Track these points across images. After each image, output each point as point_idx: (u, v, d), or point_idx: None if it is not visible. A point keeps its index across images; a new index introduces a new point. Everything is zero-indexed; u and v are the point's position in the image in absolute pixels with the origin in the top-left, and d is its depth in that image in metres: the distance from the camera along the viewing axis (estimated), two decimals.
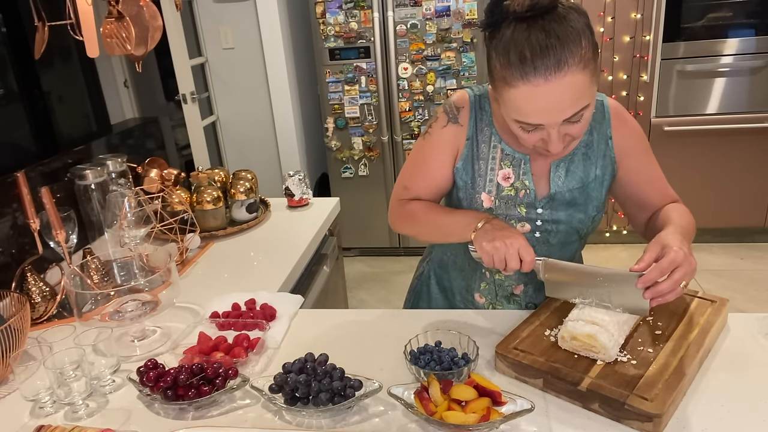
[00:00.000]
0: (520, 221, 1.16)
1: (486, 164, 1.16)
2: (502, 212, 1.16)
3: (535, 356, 1.00)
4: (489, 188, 1.16)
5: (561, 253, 1.21)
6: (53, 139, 1.95)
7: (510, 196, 1.15)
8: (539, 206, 1.15)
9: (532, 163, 1.15)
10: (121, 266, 1.45)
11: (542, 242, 1.18)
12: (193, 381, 1.00)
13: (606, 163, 1.15)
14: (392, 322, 1.26)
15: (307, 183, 2.02)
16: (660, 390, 0.89)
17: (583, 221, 1.17)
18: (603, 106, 1.16)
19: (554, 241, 1.18)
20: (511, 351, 1.02)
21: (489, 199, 1.16)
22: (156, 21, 1.50)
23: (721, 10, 3.11)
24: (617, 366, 0.96)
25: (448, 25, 3.15)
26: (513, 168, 1.15)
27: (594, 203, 1.16)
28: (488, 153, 1.16)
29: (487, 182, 1.16)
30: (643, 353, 0.99)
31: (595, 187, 1.15)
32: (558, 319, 1.10)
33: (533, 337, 1.05)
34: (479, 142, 1.16)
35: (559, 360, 0.98)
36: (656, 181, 1.20)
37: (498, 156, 1.15)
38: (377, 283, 3.46)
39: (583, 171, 1.14)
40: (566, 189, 1.14)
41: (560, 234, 1.17)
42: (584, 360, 0.98)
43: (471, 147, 1.16)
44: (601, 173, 1.15)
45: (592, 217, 1.17)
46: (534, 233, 1.17)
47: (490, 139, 1.15)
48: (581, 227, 1.18)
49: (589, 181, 1.15)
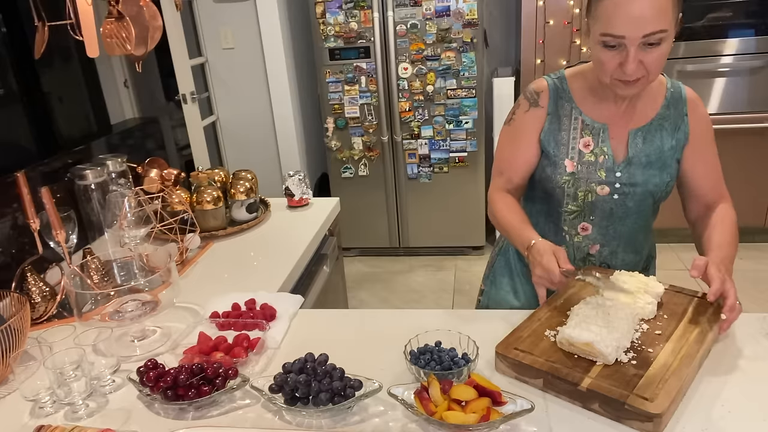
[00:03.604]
0: (600, 184, 1.27)
1: (568, 134, 1.29)
2: (583, 176, 1.27)
3: (535, 356, 1.00)
4: (572, 155, 1.28)
5: (637, 217, 1.31)
6: (53, 139, 1.95)
7: (590, 161, 1.27)
8: (618, 170, 1.26)
9: (612, 131, 1.27)
10: (121, 266, 1.45)
11: (620, 204, 1.28)
12: (193, 381, 1.00)
13: (680, 137, 1.27)
14: (392, 322, 1.26)
15: (307, 183, 2.02)
16: (660, 390, 0.89)
17: (658, 185, 1.26)
18: (681, 89, 1.29)
19: (630, 204, 1.28)
20: (511, 351, 1.02)
21: (572, 164, 1.28)
22: (156, 21, 1.50)
23: (721, 10, 3.11)
24: (617, 366, 0.96)
25: (448, 25, 3.15)
26: (593, 136, 1.27)
27: (668, 170, 1.27)
28: (570, 124, 1.29)
29: (569, 150, 1.28)
30: (644, 353, 0.99)
31: (670, 155, 1.26)
32: (559, 319, 1.11)
33: (533, 337, 1.06)
34: (561, 117, 1.29)
35: (559, 360, 0.98)
36: (712, 173, 1.30)
37: (579, 126, 1.28)
38: (377, 283, 3.46)
39: (660, 140, 1.26)
40: (643, 154, 1.25)
41: (636, 196, 1.27)
42: (584, 360, 0.98)
43: (552, 121, 1.30)
44: (676, 144, 1.26)
45: (666, 182, 1.27)
46: (612, 195, 1.27)
47: (571, 113, 1.29)
48: (656, 191, 1.27)
49: (665, 150, 1.26)
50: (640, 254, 1.39)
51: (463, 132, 3.35)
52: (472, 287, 3.29)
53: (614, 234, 1.32)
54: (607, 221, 1.31)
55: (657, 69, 1.12)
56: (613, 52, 1.11)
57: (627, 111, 1.26)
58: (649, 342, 1.02)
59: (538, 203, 1.38)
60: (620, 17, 1.07)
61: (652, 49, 1.09)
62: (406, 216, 3.61)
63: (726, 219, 1.26)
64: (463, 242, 3.64)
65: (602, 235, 1.32)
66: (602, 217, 1.30)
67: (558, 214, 1.33)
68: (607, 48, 1.11)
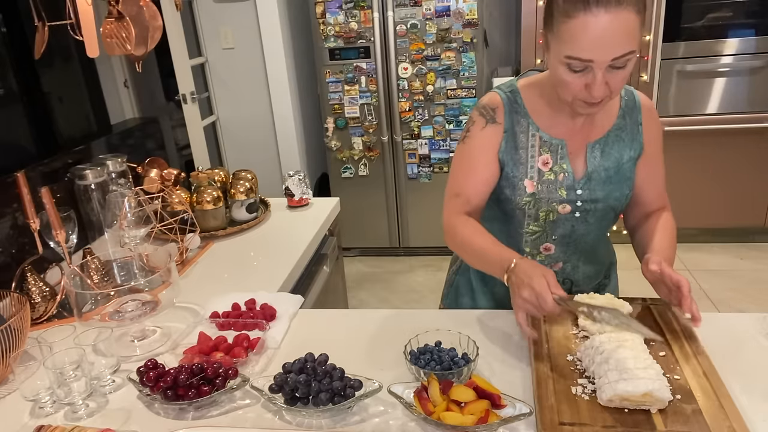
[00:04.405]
0: (561, 203, 1.22)
1: (526, 152, 1.23)
2: (544, 196, 1.22)
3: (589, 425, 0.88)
4: (531, 174, 1.23)
5: (598, 231, 1.28)
6: (53, 139, 1.95)
7: (550, 180, 1.22)
8: (578, 187, 1.22)
9: (570, 147, 1.22)
10: (121, 266, 1.45)
11: (581, 221, 1.25)
12: (193, 381, 1.00)
13: (636, 146, 1.24)
14: (392, 322, 1.26)
15: (307, 183, 2.02)
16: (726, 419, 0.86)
17: (619, 199, 1.24)
18: (633, 95, 1.26)
19: (592, 220, 1.25)
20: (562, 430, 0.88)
21: (531, 184, 1.22)
22: (156, 21, 1.50)
23: (721, 10, 3.11)
24: (672, 407, 0.90)
25: (448, 25, 3.15)
26: (551, 153, 1.22)
27: (628, 182, 1.24)
28: (527, 142, 1.23)
29: (528, 169, 1.23)
30: (677, 383, 0.94)
31: (629, 167, 1.24)
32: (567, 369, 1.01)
33: (566, 403, 0.93)
34: (517, 133, 1.23)
35: (615, 422, 0.88)
36: (657, 181, 1.29)
37: (536, 143, 1.22)
38: (377, 283, 3.46)
39: (618, 152, 1.23)
40: (602, 168, 1.22)
41: (598, 212, 1.24)
42: (638, 413, 0.89)
43: (508, 139, 1.23)
44: (633, 154, 1.24)
45: (626, 195, 1.25)
46: (574, 213, 1.24)
47: (528, 129, 1.23)
48: (617, 205, 1.25)
49: (623, 162, 1.23)
50: (601, 263, 1.37)
51: None
52: None
53: (575, 249, 1.28)
54: (568, 238, 1.26)
55: (621, 88, 1.08)
56: (578, 74, 1.05)
57: (585, 124, 1.21)
58: (667, 368, 0.97)
59: (497, 223, 1.30)
60: (588, 41, 1.00)
61: (618, 71, 1.03)
62: (406, 216, 3.61)
63: (667, 226, 1.24)
64: None
65: (564, 252, 1.28)
66: (564, 234, 1.26)
67: (519, 234, 1.27)
68: (572, 71, 1.05)
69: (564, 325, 1.13)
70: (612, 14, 0.98)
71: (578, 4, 0.99)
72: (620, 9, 0.98)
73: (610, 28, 0.98)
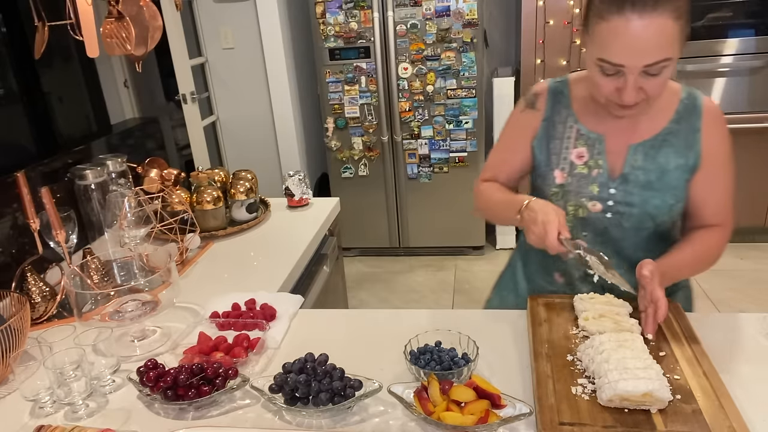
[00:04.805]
0: (592, 200, 1.18)
1: (561, 143, 1.21)
2: (573, 189, 1.19)
3: (589, 425, 0.88)
4: (562, 165, 1.21)
5: (635, 239, 1.20)
6: (53, 139, 1.95)
7: (583, 174, 1.19)
8: (612, 186, 1.17)
9: (610, 144, 1.17)
10: (121, 266, 1.45)
11: (614, 224, 1.19)
12: (193, 381, 1.00)
13: (691, 155, 1.14)
14: (392, 322, 1.26)
15: (307, 183, 2.02)
16: (726, 418, 0.86)
17: (659, 208, 1.16)
18: (695, 100, 1.16)
19: (627, 225, 1.18)
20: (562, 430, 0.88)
21: (562, 175, 1.21)
22: (156, 21, 1.50)
23: (721, 10, 3.11)
24: (672, 407, 0.90)
25: (448, 25, 3.15)
26: (587, 147, 1.19)
27: (673, 192, 1.15)
28: (563, 132, 1.21)
29: (561, 160, 1.21)
30: (676, 383, 0.94)
31: (676, 176, 1.15)
32: (567, 369, 1.00)
33: (566, 402, 0.93)
34: (555, 123, 1.22)
35: (615, 422, 0.88)
36: (717, 196, 1.17)
37: (573, 135, 1.20)
38: (377, 283, 3.46)
39: (664, 157, 1.15)
40: (642, 172, 1.15)
41: (633, 218, 1.17)
42: (638, 413, 0.89)
43: (546, 128, 1.23)
44: (684, 162, 1.14)
45: (670, 205, 1.16)
46: (605, 213, 1.18)
47: (566, 120, 1.21)
48: (657, 213, 1.16)
49: (669, 169, 1.15)
50: None
51: (463, 132, 3.35)
52: (472, 287, 3.29)
53: (612, 254, 1.20)
54: (601, 239, 1.21)
55: (658, 93, 1.04)
56: (610, 77, 1.03)
57: (630, 124, 1.16)
58: (667, 368, 0.97)
59: None
60: (619, 46, 0.98)
61: (653, 77, 1.00)
62: (406, 216, 3.61)
63: (701, 244, 1.17)
64: (463, 242, 3.64)
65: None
66: (596, 234, 1.21)
67: None
68: (604, 74, 1.03)
69: (564, 325, 1.13)
70: (646, 20, 0.95)
71: (612, 7, 0.97)
72: (655, 15, 0.95)
73: (644, 34, 0.96)
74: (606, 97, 1.07)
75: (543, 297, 1.23)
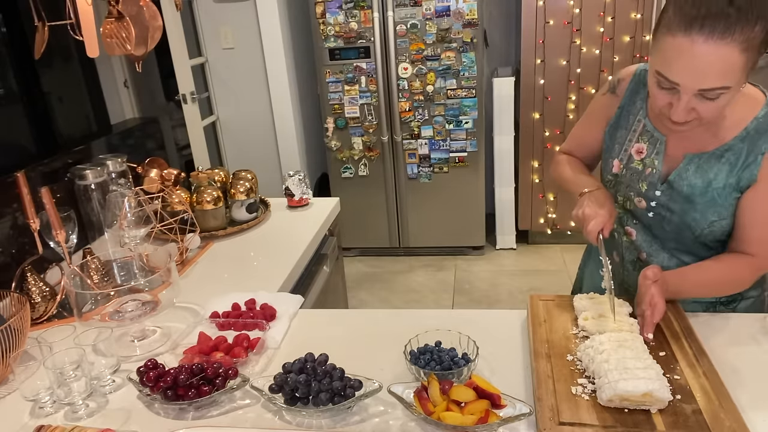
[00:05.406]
0: (638, 196, 1.20)
1: (626, 134, 1.22)
2: (625, 181, 1.22)
3: (589, 425, 0.88)
4: (621, 156, 1.23)
5: (674, 244, 1.21)
6: (53, 139, 1.95)
7: (637, 169, 1.20)
8: (659, 189, 1.17)
9: (670, 147, 1.16)
10: (121, 266, 1.45)
11: (656, 223, 1.21)
12: (193, 381, 1.00)
13: (745, 175, 1.08)
14: (392, 322, 1.26)
15: (307, 183, 2.02)
16: (727, 419, 0.86)
17: (698, 221, 1.13)
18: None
19: (668, 228, 1.19)
20: (561, 430, 0.88)
21: (618, 165, 1.23)
22: (156, 21, 1.50)
23: None
24: (672, 408, 0.90)
25: (448, 25, 3.15)
26: (649, 144, 1.18)
27: (715, 209, 1.11)
28: (631, 124, 1.21)
29: (622, 151, 1.23)
30: (677, 383, 0.94)
31: (722, 194, 1.10)
32: (567, 369, 1.00)
33: (566, 402, 0.92)
34: (628, 113, 1.22)
35: (615, 422, 0.88)
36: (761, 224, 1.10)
37: (639, 129, 1.20)
38: (377, 283, 3.47)
39: (714, 173, 1.10)
40: (687, 183, 1.12)
41: (673, 224, 1.18)
42: (638, 413, 0.89)
43: (619, 115, 1.24)
44: (735, 182, 1.09)
45: (710, 221, 1.12)
46: (648, 212, 1.20)
47: (638, 112, 1.21)
48: (695, 226, 1.14)
49: (715, 185, 1.10)
50: None
51: (463, 132, 3.35)
52: (472, 287, 3.29)
53: (661, 249, 1.22)
54: (648, 233, 1.22)
55: (712, 117, 1.00)
56: (665, 91, 1.00)
57: (693, 133, 1.09)
58: (667, 368, 0.97)
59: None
60: (678, 64, 0.95)
61: (708, 101, 0.97)
62: (406, 216, 3.61)
63: (725, 269, 1.13)
64: (463, 242, 3.64)
65: (649, 245, 1.23)
66: (643, 227, 1.22)
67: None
68: (660, 87, 1.00)
69: (564, 325, 1.13)
70: (712, 46, 0.91)
71: (681, 24, 0.93)
72: (722, 43, 0.90)
73: (706, 60, 0.92)
74: (659, 109, 1.05)
75: (543, 297, 1.23)
